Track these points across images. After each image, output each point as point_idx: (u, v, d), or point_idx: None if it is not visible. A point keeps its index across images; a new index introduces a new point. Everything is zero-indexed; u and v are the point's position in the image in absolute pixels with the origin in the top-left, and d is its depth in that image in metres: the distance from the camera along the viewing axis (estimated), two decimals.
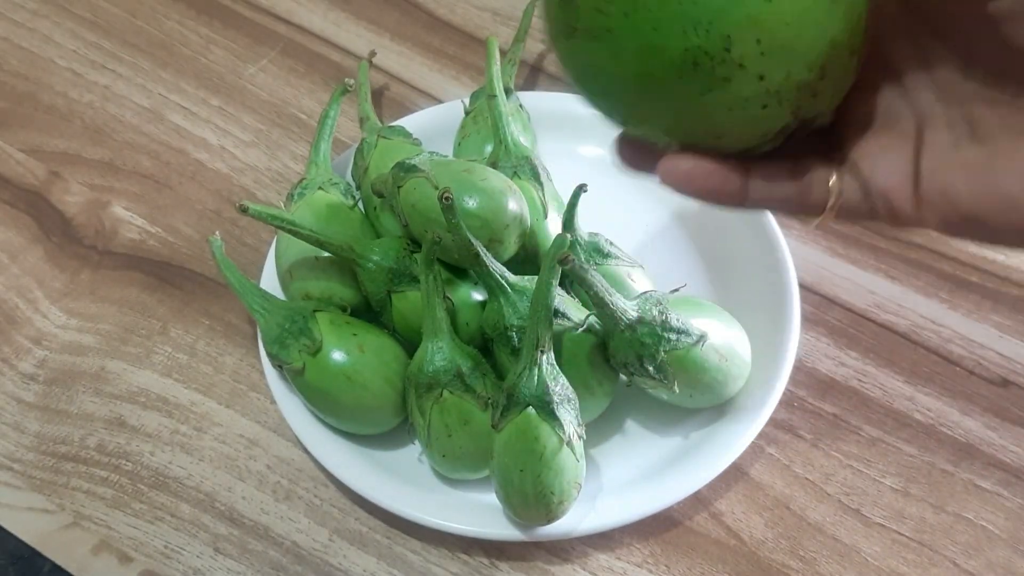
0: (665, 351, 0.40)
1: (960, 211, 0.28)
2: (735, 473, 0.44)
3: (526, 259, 0.44)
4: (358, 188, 0.49)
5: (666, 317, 0.40)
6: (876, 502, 0.44)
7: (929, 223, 0.29)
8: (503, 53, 0.51)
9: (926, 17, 0.28)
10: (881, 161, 0.29)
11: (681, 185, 0.29)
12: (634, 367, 0.41)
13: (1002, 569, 0.42)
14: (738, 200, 0.30)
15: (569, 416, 0.39)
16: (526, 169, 0.46)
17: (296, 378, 0.42)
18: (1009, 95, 0.27)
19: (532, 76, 0.61)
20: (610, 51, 0.26)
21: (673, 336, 0.40)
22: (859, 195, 0.30)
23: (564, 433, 0.38)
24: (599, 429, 0.45)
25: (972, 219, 0.28)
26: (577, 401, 0.40)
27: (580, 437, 0.40)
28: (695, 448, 0.43)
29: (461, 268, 0.43)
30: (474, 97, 0.53)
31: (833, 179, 0.30)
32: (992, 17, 0.26)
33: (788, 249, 0.48)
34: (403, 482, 0.43)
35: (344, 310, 0.44)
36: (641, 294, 0.42)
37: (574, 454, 0.39)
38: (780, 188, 0.30)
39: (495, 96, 0.49)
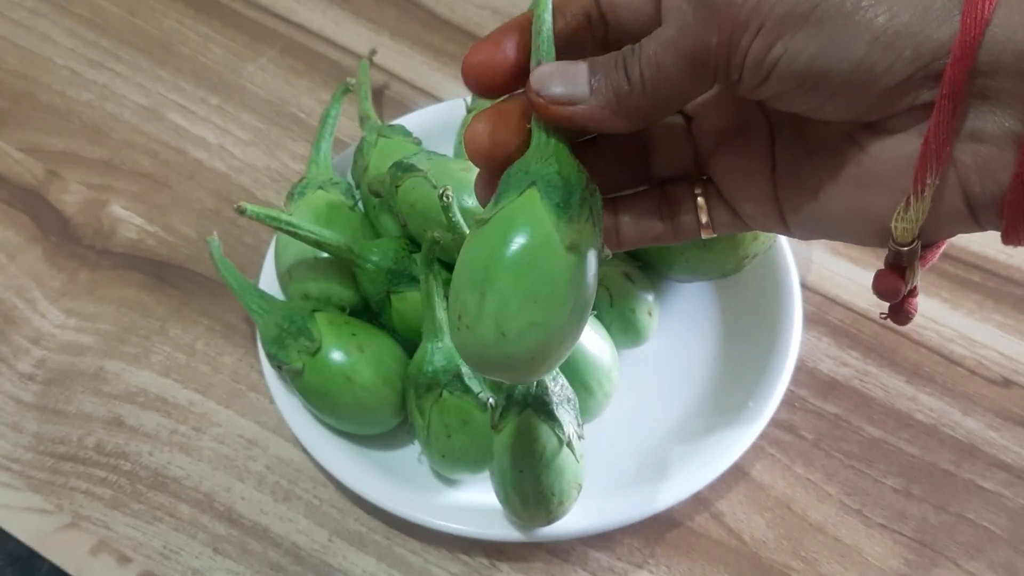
0: None
1: (809, 227, 0.29)
2: (736, 473, 0.44)
3: None
4: (358, 187, 0.49)
5: None
6: (878, 502, 0.44)
7: (797, 235, 0.30)
8: None
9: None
10: (744, 185, 0.30)
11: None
12: None
13: (1004, 569, 0.42)
14: (614, 244, 0.31)
15: (569, 416, 0.39)
16: None
17: (295, 378, 0.42)
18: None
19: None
20: None
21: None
22: (729, 214, 0.31)
23: (564, 434, 0.38)
24: (599, 429, 0.45)
25: (821, 231, 0.29)
26: (577, 401, 0.39)
27: (580, 437, 0.39)
28: (696, 448, 0.43)
29: None
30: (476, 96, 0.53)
31: (703, 215, 0.31)
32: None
33: (789, 249, 0.47)
34: (403, 482, 0.43)
35: (343, 310, 0.44)
36: None
37: (574, 455, 0.39)
38: (651, 227, 0.31)
39: None
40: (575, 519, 0.41)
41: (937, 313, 0.49)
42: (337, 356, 0.42)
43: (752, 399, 0.43)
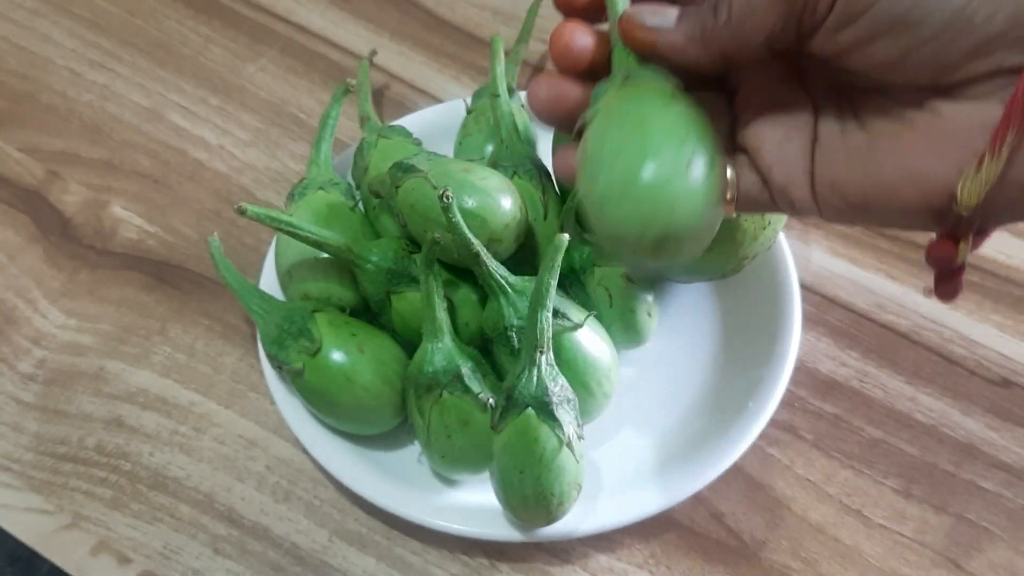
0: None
1: (847, 201, 0.29)
2: (736, 474, 0.44)
3: (525, 259, 0.44)
4: (358, 188, 0.49)
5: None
6: (877, 503, 0.44)
7: (823, 213, 0.30)
8: (506, 53, 0.51)
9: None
10: (780, 153, 0.29)
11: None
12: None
13: (1004, 570, 0.42)
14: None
15: (569, 417, 0.39)
16: (527, 169, 0.46)
17: (295, 379, 0.42)
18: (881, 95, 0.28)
19: (535, 76, 0.60)
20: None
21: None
22: (757, 187, 0.30)
23: (564, 434, 0.38)
24: (599, 429, 0.45)
25: (857, 207, 0.29)
26: (577, 402, 0.39)
27: (580, 438, 0.39)
28: (695, 449, 0.43)
29: (460, 268, 0.43)
30: (476, 96, 0.53)
31: (730, 172, 0.30)
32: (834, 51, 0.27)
33: (789, 249, 0.47)
34: (403, 483, 0.43)
35: (343, 311, 0.44)
36: None
37: (574, 455, 0.39)
38: None
39: (498, 95, 0.49)
40: (575, 519, 0.41)
41: (936, 313, 0.49)
42: (337, 356, 0.42)
43: (752, 399, 0.43)
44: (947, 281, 0.29)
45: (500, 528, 0.41)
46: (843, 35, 0.26)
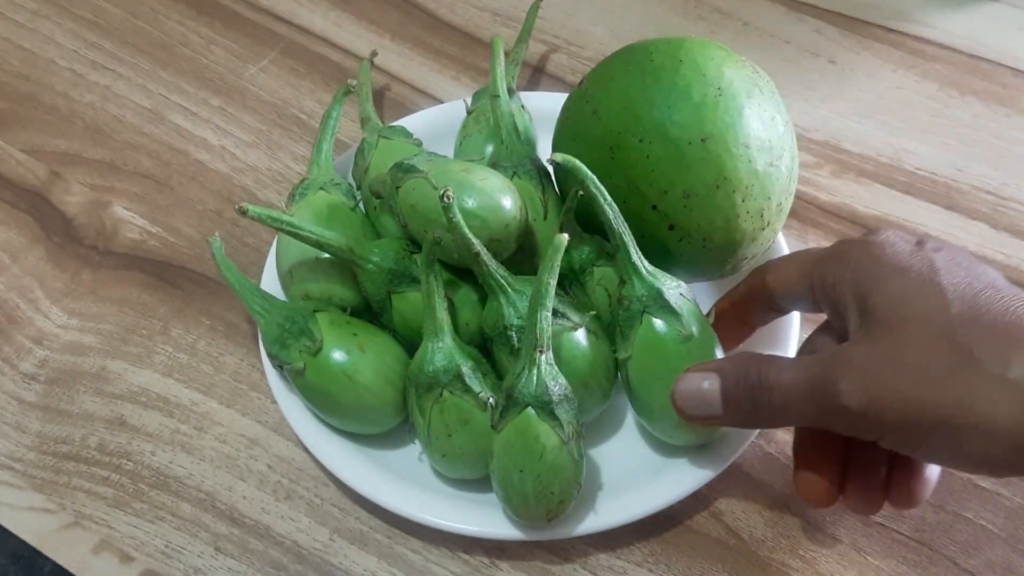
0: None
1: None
2: (735, 472, 0.44)
3: (525, 259, 0.44)
4: (359, 188, 0.49)
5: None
6: None
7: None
8: (506, 54, 0.52)
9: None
10: None
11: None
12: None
13: (1001, 568, 0.42)
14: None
15: (568, 416, 0.39)
16: (527, 169, 0.46)
17: (297, 378, 0.43)
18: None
19: (534, 77, 0.61)
20: None
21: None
22: None
23: (563, 433, 0.38)
24: (599, 429, 0.45)
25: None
26: (576, 401, 0.40)
27: (580, 436, 0.40)
28: (695, 448, 0.43)
29: (461, 268, 0.43)
30: (476, 97, 0.53)
31: None
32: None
33: (788, 249, 0.48)
34: (403, 482, 0.43)
35: (344, 310, 0.44)
36: None
37: (574, 454, 0.39)
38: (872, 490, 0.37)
39: (498, 96, 0.49)
40: (575, 518, 0.41)
41: None
42: (338, 356, 0.42)
43: None
44: None
45: (500, 527, 0.41)
46: (897, 442, 0.32)
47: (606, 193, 0.40)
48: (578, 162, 0.40)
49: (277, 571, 0.43)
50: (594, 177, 0.40)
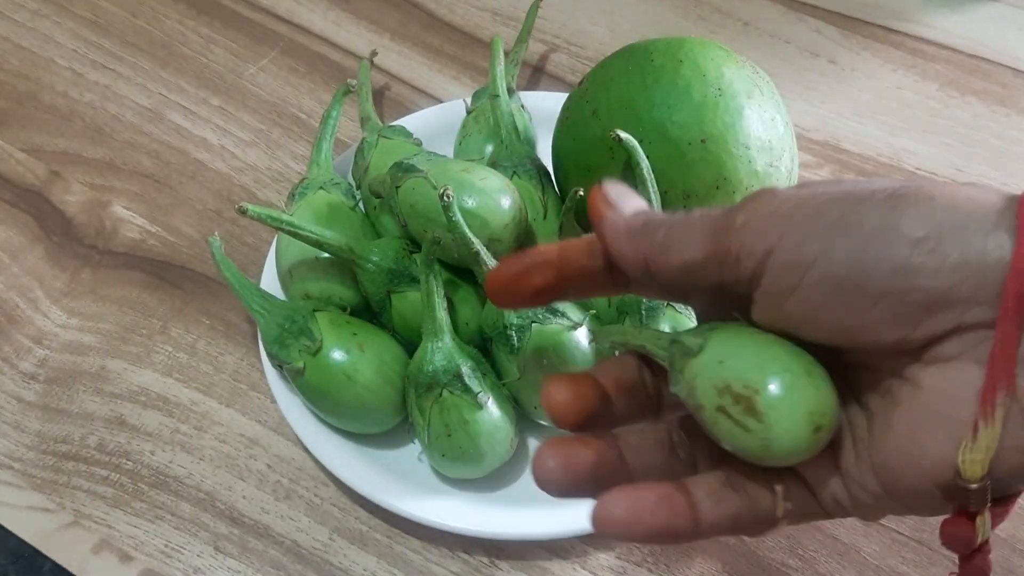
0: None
1: (867, 490, 0.26)
2: None
3: None
4: (358, 188, 0.49)
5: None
6: None
7: (857, 511, 0.27)
8: (505, 54, 0.52)
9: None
10: (821, 474, 0.27)
11: (626, 532, 0.25)
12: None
13: (1001, 568, 0.42)
14: (692, 529, 0.26)
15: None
16: (527, 169, 0.46)
17: (296, 378, 0.43)
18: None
19: (534, 77, 0.61)
20: None
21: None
22: (807, 500, 0.27)
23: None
24: None
25: (879, 496, 0.26)
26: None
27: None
28: None
29: (461, 268, 0.43)
30: (476, 96, 0.53)
31: (779, 487, 0.27)
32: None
33: None
34: (403, 481, 0.43)
35: (344, 310, 0.44)
36: None
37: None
38: (728, 502, 0.27)
39: (498, 96, 0.49)
40: (575, 518, 0.41)
41: None
42: (338, 355, 0.42)
43: None
44: (970, 561, 0.27)
45: (500, 526, 0.41)
46: (789, 305, 0.25)
47: (655, 183, 0.41)
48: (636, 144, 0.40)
49: (277, 571, 0.43)
50: (647, 165, 0.40)
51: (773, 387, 0.24)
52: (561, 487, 0.27)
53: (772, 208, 0.25)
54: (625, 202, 0.28)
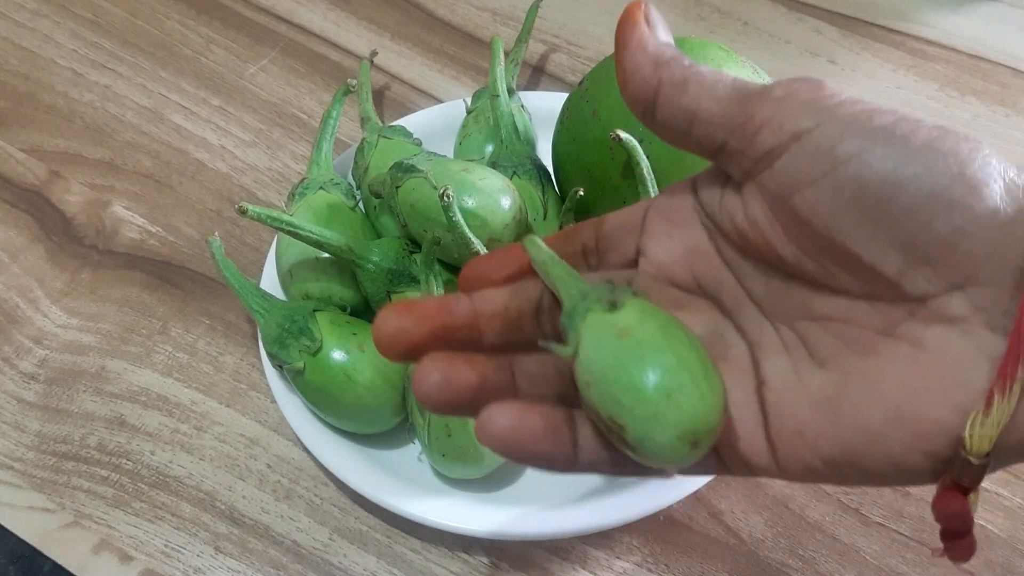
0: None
1: (821, 454, 0.24)
2: None
3: None
4: (359, 188, 0.49)
5: None
6: (875, 501, 0.44)
7: (790, 473, 0.25)
8: (505, 54, 0.52)
9: (731, 229, 0.26)
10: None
11: (502, 447, 0.24)
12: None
13: (1001, 568, 0.42)
14: (568, 464, 0.25)
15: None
16: (527, 169, 0.46)
17: (296, 378, 0.43)
18: (842, 300, 0.24)
19: (534, 77, 0.61)
20: None
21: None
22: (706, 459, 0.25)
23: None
24: None
25: (834, 462, 0.24)
26: None
27: None
28: None
29: (461, 268, 0.43)
30: (476, 96, 0.53)
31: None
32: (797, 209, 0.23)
33: None
34: (403, 481, 0.43)
35: (344, 310, 0.44)
36: None
37: None
38: (611, 449, 0.25)
39: (498, 96, 0.49)
40: (575, 518, 0.41)
41: None
42: (338, 355, 0.42)
43: None
44: (960, 538, 0.24)
45: (500, 526, 0.41)
46: (798, 199, 0.23)
47: (655, 183, 0.40)
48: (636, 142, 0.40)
49: (277, 571, 0.43)
50: (648, 164, 0.40)
51: (640, 423, 0.23)
52: (438, 405, 0.25)
53: (816, 95, 0.23)
54: (661, 30, 0.26)
